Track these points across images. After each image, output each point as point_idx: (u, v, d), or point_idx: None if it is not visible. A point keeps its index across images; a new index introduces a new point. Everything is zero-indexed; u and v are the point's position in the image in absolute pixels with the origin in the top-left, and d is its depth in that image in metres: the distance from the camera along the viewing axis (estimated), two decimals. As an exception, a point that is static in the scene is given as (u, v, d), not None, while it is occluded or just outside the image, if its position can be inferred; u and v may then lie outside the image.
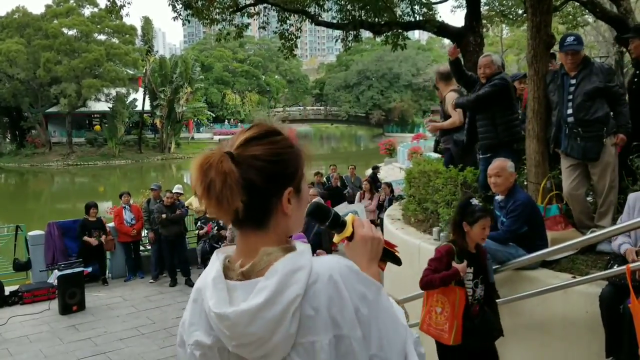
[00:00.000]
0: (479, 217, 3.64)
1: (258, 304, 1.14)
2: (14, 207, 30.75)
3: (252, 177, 1.20)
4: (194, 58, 60.83)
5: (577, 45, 4.57)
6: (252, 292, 1.16)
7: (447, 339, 3.69)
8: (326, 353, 1.14)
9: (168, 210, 10.60)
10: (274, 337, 1.14)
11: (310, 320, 1.15)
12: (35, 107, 48.01)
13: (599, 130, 4.55)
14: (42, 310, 9.18)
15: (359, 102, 73.58)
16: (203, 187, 1.19)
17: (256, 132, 1.27)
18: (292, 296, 1.14)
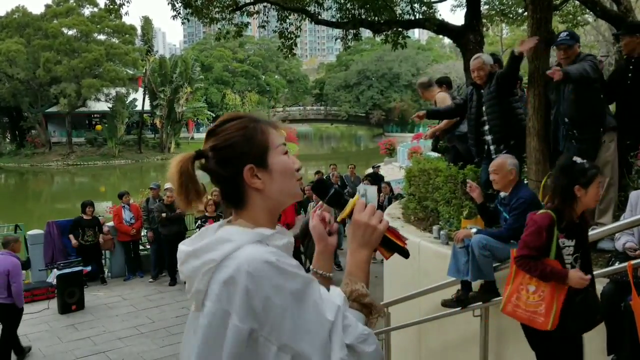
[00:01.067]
0: (593, 175, 3.11)
1: (187, 250, 1.34)
2: (13, 206, 30.74)
3: (212, 167, 1.40)
4: (193, 58, 60.81)
5: (569, 40, 4.55)
6: (201, 236, 1.38)
7: (544, 323, 3.15)
8: (206, 320, 1.26)
9: (168, 210, 10.59)
10: (193, 284, 1.31)
11: (212, 288, 1.27)
12: (35, 107, 48.04)
13: (595, 132, 4.51)
14: (41, 310, 9.17)
15: (359, 102, 73.56)
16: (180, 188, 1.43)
17: (214, 125, 1.46)
18: (208, 258, 1.28)
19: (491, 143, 5.14)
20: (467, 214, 4.81)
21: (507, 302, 3.44)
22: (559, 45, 4.58)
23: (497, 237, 3.98)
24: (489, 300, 4.07)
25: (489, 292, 4.07)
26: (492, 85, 5.02)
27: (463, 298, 4.22)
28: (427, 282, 4.91)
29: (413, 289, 5.09)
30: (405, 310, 5.43)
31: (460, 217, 4.89)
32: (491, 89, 5.04)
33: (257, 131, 1.41)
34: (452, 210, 5.13)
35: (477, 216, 4.79)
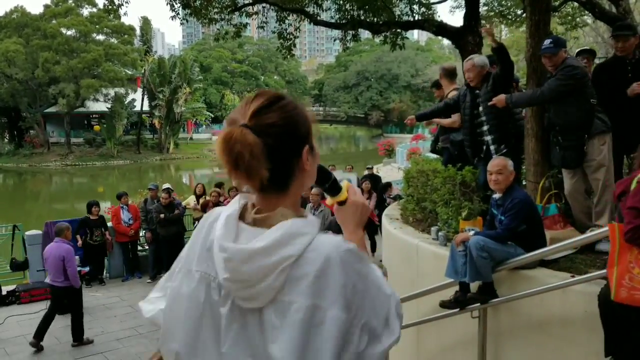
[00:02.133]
0: None
1: (255, 248, 1.24)
2: (12, 207, 30.70)
3: (272, 144, 1.26)
4: (192, 58, 60.82)
5: (553, 47, 4.51)
6: (250, 235, 1.28)
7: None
8: (300, 315, 1.21)
9: (166, 210, 10.58)
10: (259, 285, 1.23)
11: (295, 283, 1.23)
12: (34, 107, 48.02)
13: (578, 139, 4.49)
14: (39, 310, 9.10)
15: (358, 102, 73.62)
16: (231, 163, 1.26)
17: (264, 101, 1.32)
18: (286, 254, 1.23)
19: (491, 143, 5.13)
20: (465, 215, 4.80)
21: (618, 288, 2.94)
22: (543, 54, 4.58)
23: (494, 238, 3.99)
24: (487, 302, 4.07)
25: (487, 294, 4.07)
26: (489, 85, 5.02)
27: (461, 299, 4.22)
28: (425, 283, 4.91)
29: (411, 290, 5.09)
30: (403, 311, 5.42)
31: (459, 218, 4.88)
32: (489, 89, 5.04)
33: (307, 112, 1.39)
34: (451, 212, 5.13)
35: (475, 217, 4.80)
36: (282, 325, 1.23)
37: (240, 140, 1.23)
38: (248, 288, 1.25)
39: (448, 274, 4.28)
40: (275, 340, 1.23)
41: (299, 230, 1.27)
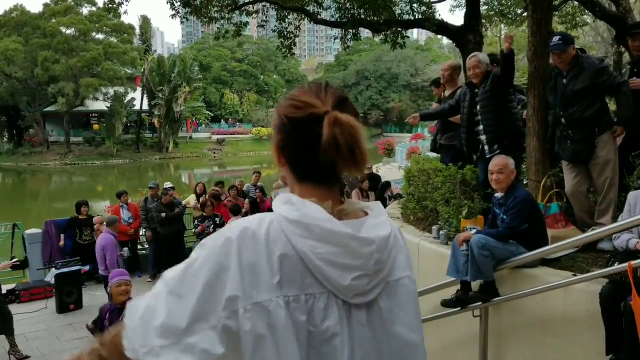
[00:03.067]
0: None
1: (387, 233, 1.25)
2: (11, 206, 30.66)
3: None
4: (192, 57, 60.77)
5: (562, 44, 4.50)
6: (362, 227, 1.23)
7: None
8: (407, 288, 1.30)
9: (167, 209, 10.58)
10: (385, 269, 1.25)
11: (396, 259, 1.29)
12: (33, 106, 47.97)
13: (589, 132, 4.50)
14: (39, 309, 9.14)
15: (358, 102, 73.53)
16: (346, 148, 1.20)
17: (339, 92, 1.32)
18: (395, 233, 1.31)
19: (485, 143, 5.13)
20: (466, 213, 4.80)
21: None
22: (552, 51, 4.56)
23: (496, 237, 3.98)
24: (488, 300, 4.07)
25: (488, 292, 4.07)
26: (487, 84, 5.01)
27: (463, 298, 4.21)
28: (426, 282, 4.90)
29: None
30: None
31: (460, 217, 4.88)
32: (486, 89, 5.03)
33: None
34: (451, 210, 5.12)
35: (476, 216, 4.79)
36: (395, 306, 1.27)
37: (354, 124, 1.21)
38: (375, 278, 1.22)
39: (449, 273, 4.27)
40: (395, 320, 1.27)
41: (382, 210, 1.32)
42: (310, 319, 1.16)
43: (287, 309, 1.14)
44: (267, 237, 1.17)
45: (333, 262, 1.16)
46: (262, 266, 1.15)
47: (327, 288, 1.18)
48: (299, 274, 1.16)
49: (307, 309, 1.16)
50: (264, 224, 1.19)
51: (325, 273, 1.16)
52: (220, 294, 1.14)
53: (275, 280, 1.15)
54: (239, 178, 20.45)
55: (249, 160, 56.26)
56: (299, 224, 1.17)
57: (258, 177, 13.27)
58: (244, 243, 1.17)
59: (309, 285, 1.17)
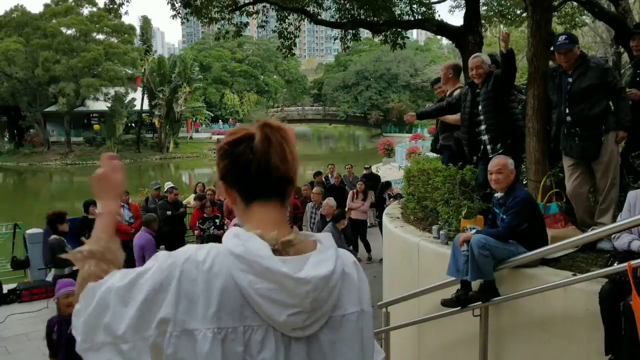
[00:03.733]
0: None
1: (327, 273, 1.26)
2: (12, 206, 30.69)
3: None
4: (192, 58, 60.86)
5: (569, 43, 4.53)
6: (305, 264, 1.25)
7: None
8: (352, 325, 1.33)
9: (172, 207, 10.62)
10: (325, 307, 1.27)
11: (346, 295, 1.33)
12: (34, 106, 48.00)
13: (596, 129, 4.53)
14: (41, 309, 9.15)
15: (357, 102, 73.58)
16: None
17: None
18: (340, 269, 1.30)
19: (487, 143, 5.14)
20: (465, 213, 4.82)
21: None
22: (559, 50, 4.58)
23: (495, 237, 4.00)
24: (488, 300, 4.08)
25: (488, 292, 4.08)
26: (489, 84, 5.03)
27: (463, 298, 4.22)
28: (426, 281, 4.93)
29: (412, 289, 5.11)
30: (405, 310, 5.44)
31: (459, 217, 4.89)
32: (489, 89, 5.04)
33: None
34: (451, 210, 5.14)
35: (475, 216, 4.81)
36: (338, 339, 1.31)
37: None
38: (314, 314, 1.25)
39: (450, 273, 4.29)
40: (337, 354, 1.31)
41: (334, 246, 1.34)
42: (247, 350, 1.20)
43: (215, 340, 1.18)
44: (211, 269, 1.21)
45: (270, 298, 1.20)
46: (199, 296, 1.20)
47: (266, 321, 1.22)
48: (239, 306, 1.21)
49: (244, 340, 1.20)
50: (210, 255, 1.23)
51: (263, 308, 1.20)
52: (156, 312, 1.19)
53: (210, 311, 1.19)
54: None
55: (249, 161, 56.17)
56: (242, 259, 1.21)
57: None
58: (187, 271, 1.21)
59: (247, 317, 1.21)
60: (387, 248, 6.66)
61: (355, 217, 11.61)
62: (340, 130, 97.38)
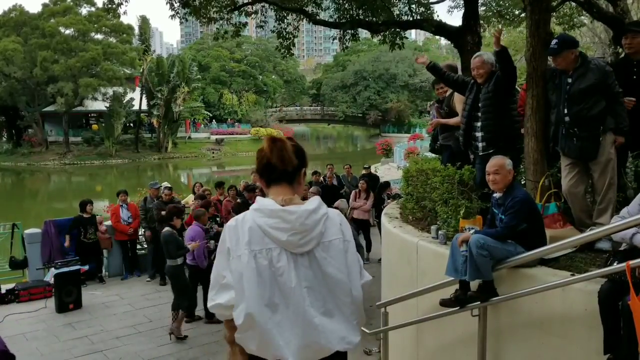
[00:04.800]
0: None
1: (312, 207, 2.28)
2: (10, 206, 30.67)
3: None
4: (191, 57, 60.78)
5: (557, 48, 4.53)
6: (293, 206, 2.27)
7: None
8: (340, 246, 2.31)
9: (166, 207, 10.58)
10: (313, 232, 2.24)
11: (330, 228, 2.31)
12: (32, 106, 47.99)
13: (595, 130, 4.52)
14: (39, 309, 9.16)
15: (356, 102, 73.58)
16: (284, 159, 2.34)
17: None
18: (323, 212, 2.31)
19: (480, 141, 5.16)
20: (464, 213, 4.82)
21: None
22: (549, 55, 4.61)
23: (494, 237, 4.00)
24: (487, 300, 4.09)
25: (487, 292, 4.08)
26: (490, 85, 5.02)
27: (462, 298, 4.22)
28: (425, 281, 4.93)
29: (411, 289, 5.11)
30: (403, 310, 5.45)
31: (458, 217, 4.89)
32: (489, 89, 5.03)
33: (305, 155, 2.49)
34: (450, 210, 5.14)
35: (474, 216, 4.81)
36: (328, 256, 2.27)
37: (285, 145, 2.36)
38: (306, 237, 2.22)
39: (448, 273, 4.29)
40: (328, 265, 2.26)
41: (320, 203, 2.35)
42: (270, 262, 2.20)
43: (250, 258, 2.19)
44: (243, 219, 2.29)
45: (275, 227, 2.21)
46: (239, 235, 2.25)
47: (277, 243, 2.21)
48: (261, 237, 2.22)
49: (267, 257, 2.20)
50: (243, 215, 2.31)
51: (272, 234, 2.21)
52: (225, 247, 2.29)
53: (245, 241, 2.21)
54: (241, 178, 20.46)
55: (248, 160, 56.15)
56: (258, 210, 2.27)
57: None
58: (232, 226, 2.31)
59: (267, 242, 2.22)
60: (385, 248, 6.66)
61: (357, 217, 11.61)
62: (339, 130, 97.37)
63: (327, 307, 2.22)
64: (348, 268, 2.27)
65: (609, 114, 4.53)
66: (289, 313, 2.17)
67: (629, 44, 5.07)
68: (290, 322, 2.17)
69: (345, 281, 2.25)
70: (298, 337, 2.16)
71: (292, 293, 2.17)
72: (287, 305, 2.17)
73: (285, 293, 2.18)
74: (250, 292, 2.14)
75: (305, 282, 2.19)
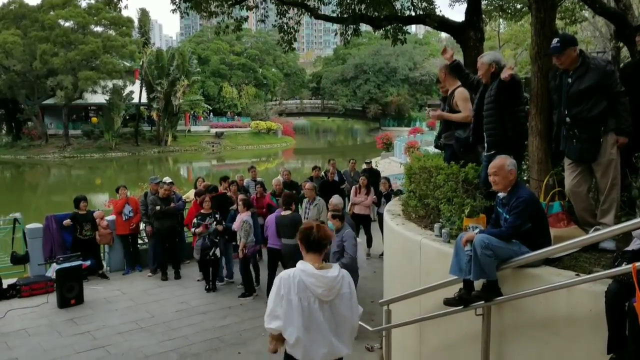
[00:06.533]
0: None
1: (335, 274, 3.63)
2: (10, 198, 30.68)
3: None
4: (190, 50, 60.65)
5: (559, 47, 4.48)
6: (327, 271, 3.63)
7: None
8: (347, 296, 3.70)
9: (163, 203, 10.55)
10: (335, 289, 3.61)
11: (344, 285, 3.69)
12: (32, 99, 47.93)
13: (595, 131, 4.50)
14: (41, 304, 9.16)
15: (356, 95, 73.53)
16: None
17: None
18: (341, 275, 3.69)
19: (485, 141, 5.16)
20: (468, 212, 4.80)
21: None
22: (550, 54, 4.57)
23: (499, 237, 3.99)
24: (491, 300, 4.09)
25: (491, 292, 4.08)
26: (493, 88, 4.98)
27: (466, 297, 4.22)
28: (428, 280, 4.93)
29: (414, 287, 5.11)
30: (406, 308, 5.45)
31: (462, 216, 4.88)
32: (492, 92, 4.99)
33: None
34: (454, 209, 5.13)
35: (478, 215, 4.80)
36: (341, 303, 3.65)
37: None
38: (331, 292, 3.58)
39: (452, 272, 4.29)
40: (341, 308, 3.65)
41: (339, 268, 3.76)
42: (309, 305, 3.56)
43: (298, 300, 3.54)
44: (293, 276, 3.61)
45: (314, 284, 3.56)
46: (290, 286, 3.58)
47: (314, 294, 3.56)
48: (304, 288, 3.56)
49: (307, 301, 3.56)
50: (292, 272, 3.63)
51: (312, 289, 3.56)
52: (281, 293, 3.59)
53: (294, 291, 3.56)
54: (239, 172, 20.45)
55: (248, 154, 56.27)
56: (303, 271, 3.60)
57: (255, 172, 13.25)
58: (285, 278, 3.64)
59: (308, 292, 3.56)
60: (388, 245, 6.65)
61: (358, 212, 11.62)
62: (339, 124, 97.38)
63: (337, 332, 3.67)
64: (352, 309, 3.75)
65: (611, 115, 4.51)
66: (318, 336, 3.61)
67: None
68: (318, 341, 3.60)
69: (350, 317, 3.74)
70: (322, 348, 3.62)
71: (320, 324, 3.60)
72: (317, 331, 3.60)
73: (316, 323, 3.59)
74: (297, 322, 3.54)
75: (327, 317, 3.62)
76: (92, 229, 10.67)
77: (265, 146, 61.77)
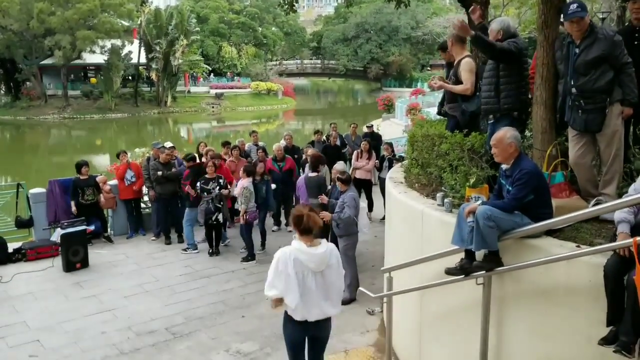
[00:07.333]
0: None
1: (324, 250, 4.47)
2: (11, 160, 30.68)
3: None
4: (189, 9, 59.76)
5: (581, 12, 4.43)
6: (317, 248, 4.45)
7: None
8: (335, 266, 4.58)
9: (164, 168, 10.57)
10: (324, 262, 4.46)
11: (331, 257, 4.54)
12: (30, 59, 47.46)
13: (601, 102, 4.48)
14: (46, 268, 9.28)
15: (357, 55, 72.69)
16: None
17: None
18: (329, 250, 4.54)
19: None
20: (473, 182, 4.82)
21: None
22: (572, 19, 4.49)
23: (501, 208, 4.02)
24: (492, 270, 4.15)
25: (492, 262, 4.14)
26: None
27: (467, 267, 4.29)
28: (430, 249, 4.98)
29: (415, 256, 5.17)
30: (408, 275, 5.52)
31: (466, 185, 4.89)
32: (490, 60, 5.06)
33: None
34: (459, 177, 5.15)
35: (482, 185, 4.83)
36: (330, 272, 4.52)
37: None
38: (321, 264, 4.43)
39: (454, 242, 4.34)
40: (331, 276, 4.52)
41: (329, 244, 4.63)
42: (303, 276, 4.41)
43: (294, 273, 4.35)
44: (289, 254, 4.41)
45: (308, 260, 4.39)
46: (287, 262, 4.38)
47: (307, 267, 4.40)
48: (300, 263, 4.38)
49: (302, 274, 4.40)
50: (289, 249, 4.44)
51: (306, 263, 4.39)
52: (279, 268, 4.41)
53: (291, 265, 4.37)
54: (239, 133, 20.35)
55: (248, 115, 56.03)
56: (297, 249, 4.42)
57: (256, 136, 13.18)
58: (282, 256, 4.45)
59: (303, 266, 4.40)
60: (389, 213, 6.69)
61: (360, 177, 11.65)
62: (340, 84, 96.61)
63: (327, 296, 4.50)
64: (339, 276, 4.62)
65: (617, 85, 4.49)
66: (312, 300, 4.43)
67: (637, 9, 4.96)
68: (311, 304, 4.43)
69: (337, 284, 4.60)
70: (315, 309, 4.46)
71: (313, 291, 4.42)
72: (310, 296, 4.42)
73: (309, 291, 4.40)
74: (295, 291, 4.32)
75: (318, 285, 4.44)
76: (94, 193, 10.70)
77: (266, 107, 61.42)
